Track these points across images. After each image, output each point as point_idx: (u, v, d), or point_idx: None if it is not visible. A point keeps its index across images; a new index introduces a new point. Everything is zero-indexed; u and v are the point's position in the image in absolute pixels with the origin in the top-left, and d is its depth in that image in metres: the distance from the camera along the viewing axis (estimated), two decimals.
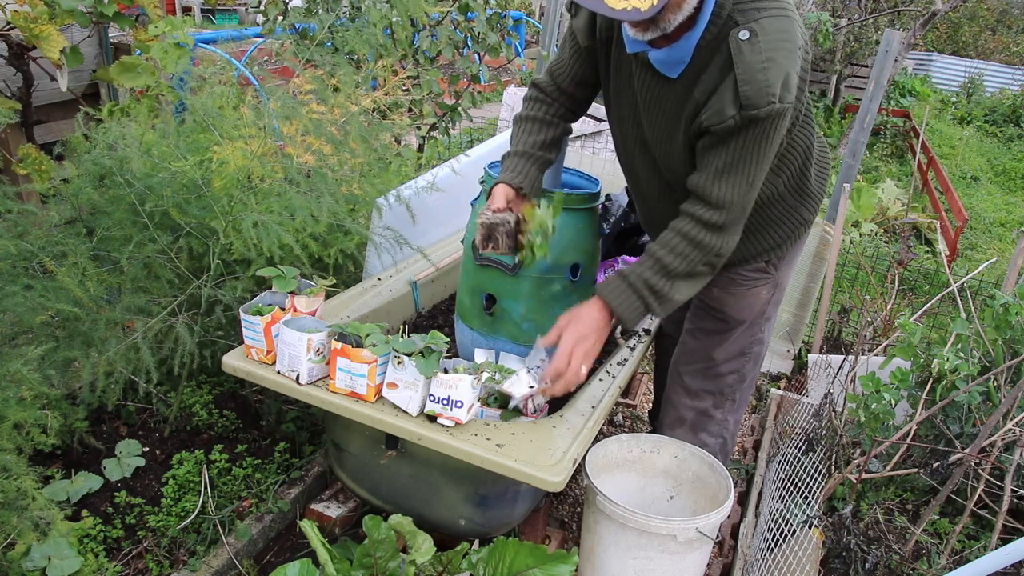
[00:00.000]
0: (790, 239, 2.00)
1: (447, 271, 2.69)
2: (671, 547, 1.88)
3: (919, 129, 7.73)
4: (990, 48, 13.17)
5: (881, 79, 3.52)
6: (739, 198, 1.66)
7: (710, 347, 2.12)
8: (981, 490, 2.08)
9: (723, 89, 1.58)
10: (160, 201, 2.11)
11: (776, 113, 1.57)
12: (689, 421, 2.21)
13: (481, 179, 2.19)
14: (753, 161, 1.63)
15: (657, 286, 1.71)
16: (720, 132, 1.60)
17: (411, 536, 1.83)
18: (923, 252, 5.53)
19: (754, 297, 2.03)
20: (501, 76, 8.81)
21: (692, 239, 1.69)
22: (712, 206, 1.67)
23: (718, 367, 2.13)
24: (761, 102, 1.54)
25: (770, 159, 1.67)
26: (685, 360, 2.18)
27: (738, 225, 1.72)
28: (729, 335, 2.10)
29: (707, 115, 1.61)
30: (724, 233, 1.70)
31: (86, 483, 2.18)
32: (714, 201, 1.66)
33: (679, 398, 2.21)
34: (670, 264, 1.70)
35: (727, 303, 2.04)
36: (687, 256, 1.70)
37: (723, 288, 2.03)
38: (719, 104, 1.58)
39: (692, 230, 1.69)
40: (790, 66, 1.56)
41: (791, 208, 1.93)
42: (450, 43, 3.49)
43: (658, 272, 1.71)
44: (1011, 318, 2.30)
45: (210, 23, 9.94)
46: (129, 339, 2.07)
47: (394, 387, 1.79)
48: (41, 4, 2.65)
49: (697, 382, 2.17)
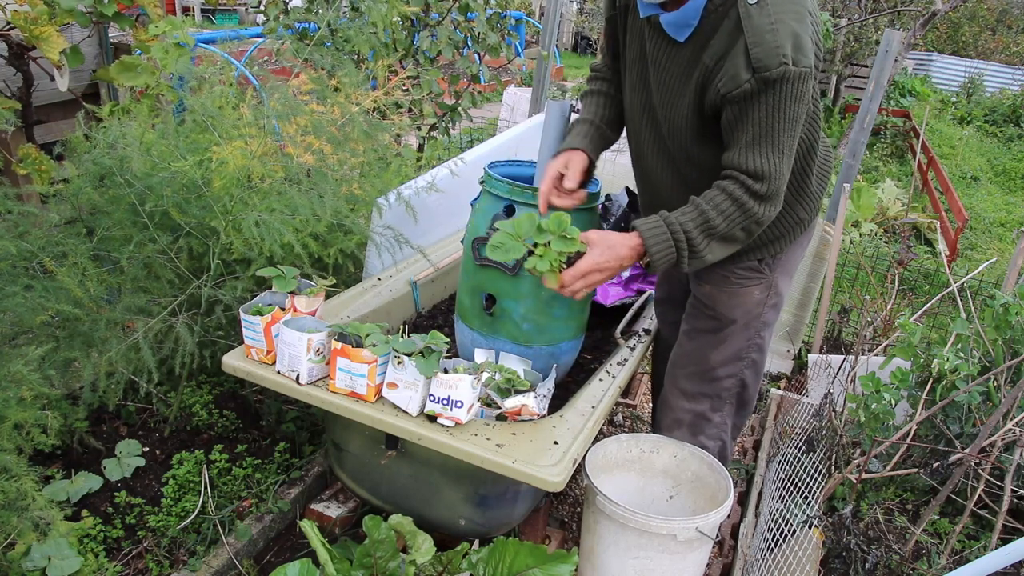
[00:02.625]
0: (784, 238, 1.99)
1: (447, 271, 2.69)
2: (671, 547, 1.88)
3: (919, 129, 7.73)
4: (990, 48, 13.17)
5: (881, 79, 3.53)
6: (774, 167, 1.66)
7: (705, 349, 2.11)
8: (981, 490, 2.08)
9: (734, 54, 1.59)
10: (160, 201, 2.11)
11: (792, 76, 1.57)
12: (687, 423, 2.19)
13: (481, 179, 2.19)
14: (779, 128, 1.63)
15: (695, 241, 1.70)
16: (738, 99, 1.61)
17: (411, 536, 1.83)
18: (923, 252, 5.53)
19: (746, 297, 2.02)
20: (501, 76, 8.82)
21: (738, 201, 1.69)
22: (753, 177, 1.67)
23: (715, 371, 2.12)
24: (772, 63, 1.55)
25: (797, 128, 1.67)
26: (682, 363, 2.17)
27: (779, 196, 1.72)
28: (723, 336, 2.08)
29: (723, 82, 1.62)
30: (767, 203, 1.70)
31: (86, 483, 2.18)
32: (755, 172, 1.67)
33: (676, 400, 2.19)
34: (713, 221, 1.69)
35: (719, 301, 2.03)
36: (730, 217, 1.70)
37: (715, 285, 2.02)
38: (733, 69, 1.60)
39: (738, 192, 1.69)
40: (800, 28, 1.57)
41: (787, 205, 1.92)
42: (450, 43, 3.49)
43: (700, 227, 1.70)
44: (1011, 318, 2.31)
45: (210, 23, 9.95)
46: (129, 339, 2.07)
47: (394, 387, 1.80)
48: (41, 4, 2.65)
49: (693, 385, 2.15)
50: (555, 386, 2.11)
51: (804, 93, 1.62)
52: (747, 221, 1.71)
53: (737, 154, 1.67)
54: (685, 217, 1.71)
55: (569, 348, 2.24)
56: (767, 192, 1.68)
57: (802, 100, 1.63)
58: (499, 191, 2.09)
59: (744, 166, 1.67)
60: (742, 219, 1.70)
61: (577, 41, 15.04)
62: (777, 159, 1.66)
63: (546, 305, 2.11)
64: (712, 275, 2.00)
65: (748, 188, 1.68)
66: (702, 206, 1.70)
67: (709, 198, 1.71)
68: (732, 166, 1.69)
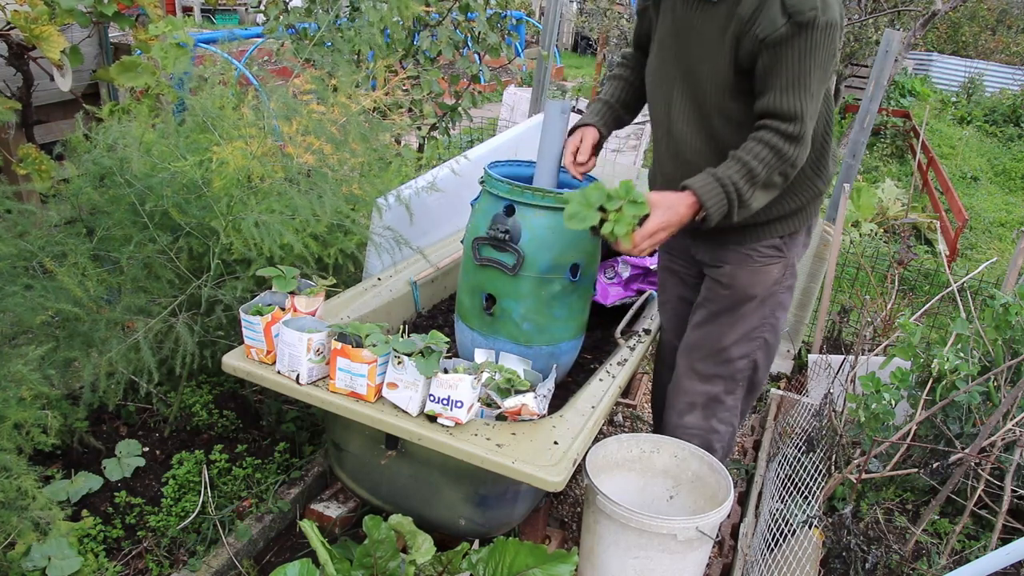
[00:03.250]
0: (803, 211, 2.07)
1: (447, 271, 2.69)
2: (671, 546, 1.88)
3: (919, 129, 7.73)
4: (990, 48, 13.16)
5: (881, 79, 3.52)
6: (805, 109, 1.79)
7: (722, 329, 2.16)
8: (981, 490, 2.08)
9: (769, 4, 1.75)
10: (160, 201, 2.11)
11: (821, 24, 1.72)
12: (700, 405, 2.23)
13: (481, 179, 2.19)
14: (809, 72, 1.77)
15: (743, 190, 1.83)
16: (774, 43, 1.75)
17: (411, 536, 1.83)
18: (923, 252, 5.53)
19: (766, 275, 2.10)
20: (501, 76, 8.83)
21: (774, 147, 1.81)
22: (786, 119, 1.80)
23: (729, 351, 2.16)
24: (805, 7, 1.70)
25: (824, 77, 1.80)
26: (696, 345, 2.21)
27: (808, 137, 1.84)
28: (740, 314, 2.13)
29: (760, 27, 1.76)
30: (799, 144, 1.82)
31: (86, 483, 2.18)
32: (787, 114, 1.79)
33: (690, 383, 2.23)
34: (755, 170, 1.82)
35: (739, 278, 2.10)
36: (768, 163, 1.82)
37: (737, 264, 2.09)
38: (770, 16, 1.75)
39: (773, 139, 1.81)
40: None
41: (809, 179, 2.03)
42: (450, 43, 3.49)
43: (744, 176, 1.82)
44: (1011, 318, 2.31)
45: (210, 23, 9.95)
46: (129, 339, 2.07)
47: (394, 387, 1.80)
48: (41, 4, 2.64)
49: (708, 366, 2.20)
50: (555, 386, 2.11)
51: (832, 43, 1.76)
52: (783, 165, 1.83)
53: (772, 98, 1.80)
54: (731, 170, 1.83)
55: (569, 348, 2.24)
56: (798, 132, 1.80)
57: (830, 49, 1.77)
58: (499, 191, 2.09)
59: (778, 109, 1.79)
60: (778, 164, 1.82)
61: (577, 41, 15.03)
62: (807, 101, 1.79)
63: (546, 305, 2.11)
64: (735, 255, 2.08)
65: (781, 132, 1.80)
66: (743, 157, 1.83)
67: (747, 149, 1.83)
68: (766, 111, 1.82)
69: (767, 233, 2.06)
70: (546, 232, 2.06)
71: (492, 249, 2.08)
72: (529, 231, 2.05)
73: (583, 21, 14.74)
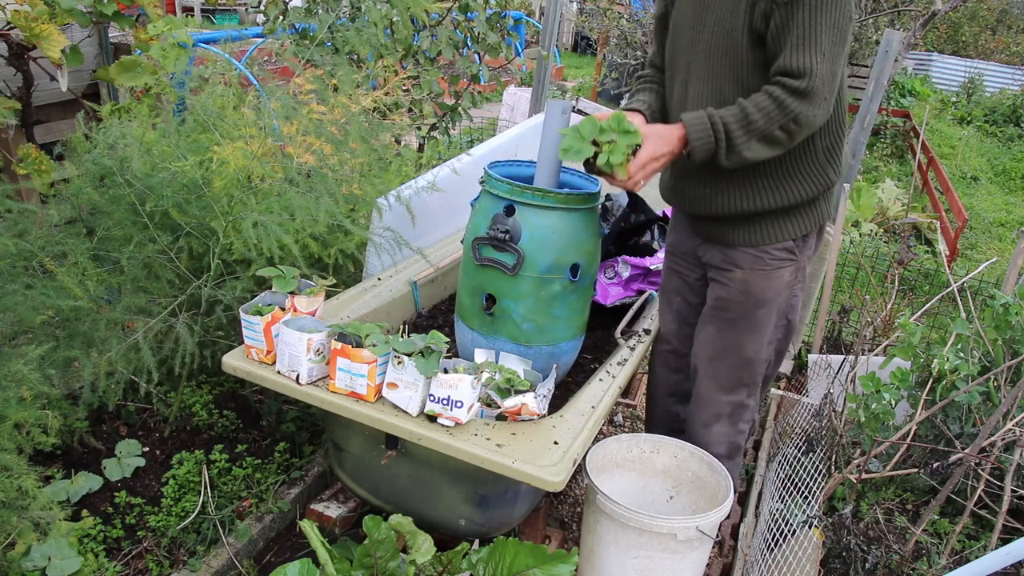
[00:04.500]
0: (815, 206, 2.07)
1: (447, 271, 2.69)
2: (671, 546, 1.88)
3: (919, 129, 7.73)
4: (990, 48, 13.15)
5: (881, 79, 3.52)
6: (818, 66, 1.78)
7: (741, 340, 2.17)
8: (981, 490, 2.08)
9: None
10: (160, 201, 2.11)
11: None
12: (726, 415, 2.25)
13: (481, 179, 2.19)
14: (821, 30, 1.77)
15: (733, 134, 1.83)
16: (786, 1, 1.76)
17: (411, 536, 1.83)
18: (923, 252, 5.53)
19: (778, 279, 2.10)
20: (501, 76, 8.82)
21: (777, 99, 1.80)
22: (795, 75, 1.79)
23: (751, 360, 2.18)
24: None
25: (839, 36, 1.80)
26: (718, 357, 2.21)
27: (819, 95, 1.82)
28: (756, 321, 2.14)
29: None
30: (808, 101, 1.80)
31: (86, 483, 2.18)
32: (796, 70, 1.78)
33: (715, 395, 2.24)
34: (752, 117, 1.82)
35: (752, 283, 2.10)
36: (769, 114, 1.81)
37: (749, 269, 2.09)
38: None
39: (778, 92, 1.81)
40: None
41: (821, 167, 2.02)
42: (450, 43, 3.49)
43: (739, 122, 1.82)
44: (1011, 318, 2.31)
45: (210, 23, 9.95)
46: (129, 339, 2.07)
47: (394, 387, 1.79)
48: (41, 4, 2.65)
49: (732, 377, 2.21)
50: (555, 386, 2.11)
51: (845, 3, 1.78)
52: (785, 119, 1.81)
53: (783, 58, 1.80)
54: (727, 113, 1.84)
55: (569, 348, 2.24)
56: (806, 88, 1.78)
57: (845, 11, 1.79)
58: (499, 191, 2.09)
59: (787, 66, 1.79)
60: (780, 116, 1.80)
61: (577, 41, 15.02)
62: (819, 58, 1.78)
63: (546, 305, 2.11)
64: (747, 258, 2.08)
65: (786, 86, 1.80)
66: (744, 103, 1.84)
67: (753, 99, 1.84)
68: (777, 70, 1.82)
69: (779, 233, 2.05)
70: (546, 232, 2.06)
71: (492, 249, 2.08)
72: (529, 231, 2.05)
73: (583, 21, 14.74)
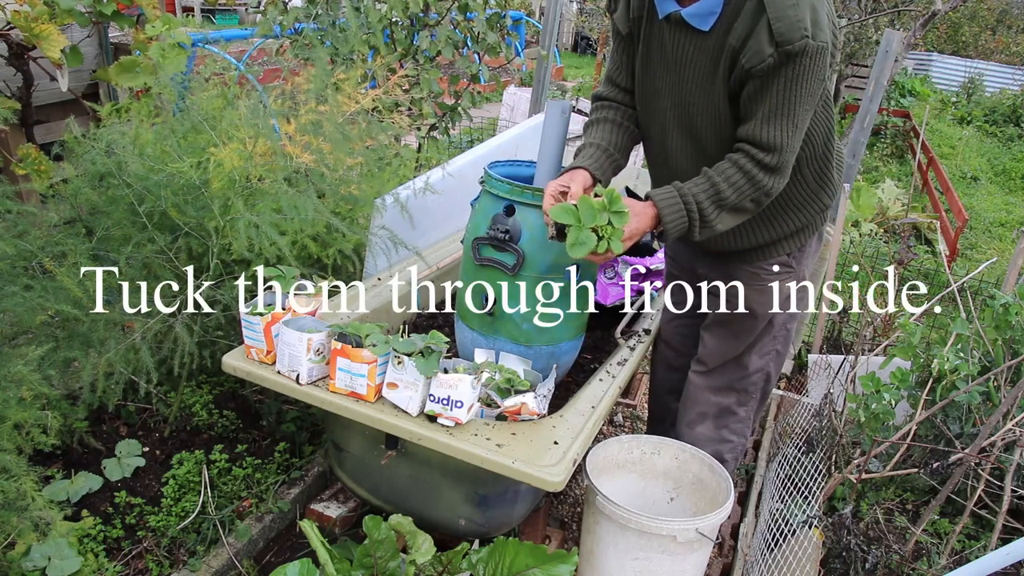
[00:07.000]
0: (810, 226, 2.04)
1: (447, 271, 2.69)
2: (671, 548, 1.88)
3: (919, 129, 7.73)
4: (990, 48, 13.16)
5: (881, 79, 3.52)
6: (787, 140, 1.74)
7: (736, 345, 2.15)
8: (981, 490, 2.08)
9: (758, 31, 1.66)
10: (159, 201, 2.11)
11: (811, 50, 1.64)
12: (712, 416, 2.23)
13: (481, 179, 2.19)
14: (796, 102, 1.71)
15: (706, 211, 1.79)
16: (762, 74, 1.68)
17: (411, 536, 1.83)
18: (923, 252, 5.53)
19: (776, 292, 2.08)
20: (501, 76, 8.82)
21: (747, 173, 1.76)
22: (764, 148, 1.75)
23: (744, 366, 2.17)
24: (795, 36, 1.62)
25: (812, 103, 1.75)
26: (710, 358, 2.20)
27: (787, 168, 1.80)
28: (755, 332, 2.13)
29: (747, 57, 1.69)
30: (776, 175, 1.78)
31: (86, 483, 2.18)
32: (766, 144, 1.74)
33: (702, 395, 2.23)
34: (723, 193, 1.77)
35: (750, 298, 2.08)
36: (740, 189, 1.77)
37: (746, 283, 2.07)
38: (757, 46, 1.66)
39: (748, 165, 1.76)
40: (818, 4, 1.65)
41: (813, 194, 1.99)
42: (450, 43, 3.48)
43: (711, 198, 1.78)
44: (1011, 318, 2.30)
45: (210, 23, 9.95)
46: (129, 339, 2.07)
47: (394, 387, 1.79)
48: (41, 4, 2.65)
49: (722, 379, 2.20)
50: (555, 386, 2.11)
51: (821, 68, 1.69)
52: (756, 193, 1.78)
53: (753, 126, 1.74)
54: (697, 188, 1.78)
55: (569, 348, 2.24)
56: (776, 164, 1.76)
57: (819, 76, 1.70)
58: (499, 191, 2.09)
59: (757, 138, 1.74)
60: (751, 191, 1.78)
61: (577, 41, 15.03)
62: (790, 132, 1.74)
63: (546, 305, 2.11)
64: (742, 273, 2.05)
65: (758, 161, 1.75)
66: (713, 178, 1.78)
67: (720, 170, 1.78)
68: (745, 138, 1.77)
69: (774, 252, 2.03)
70: (546, 232, 2.05)
71: (492, 249, 2.08)
72: (529, 231, 2.05)
73: (583, 21, 14.76)
